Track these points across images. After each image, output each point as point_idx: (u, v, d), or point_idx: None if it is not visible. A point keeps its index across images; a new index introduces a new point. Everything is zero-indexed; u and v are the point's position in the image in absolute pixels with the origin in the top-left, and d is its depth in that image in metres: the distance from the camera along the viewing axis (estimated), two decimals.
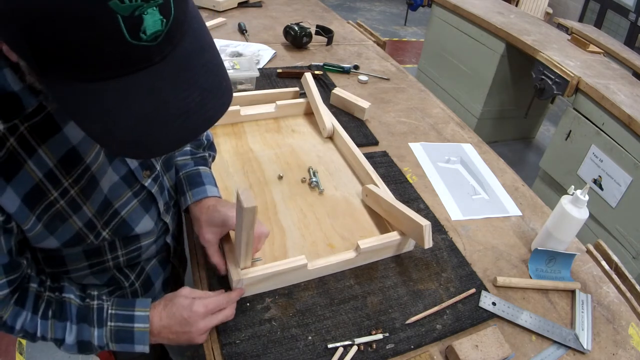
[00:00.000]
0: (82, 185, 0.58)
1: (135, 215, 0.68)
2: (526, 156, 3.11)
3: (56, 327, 0.62)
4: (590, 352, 0.74)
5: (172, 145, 0.46)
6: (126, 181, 0.64)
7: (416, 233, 0.80)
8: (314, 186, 0.98)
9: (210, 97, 0.44)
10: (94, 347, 0.64)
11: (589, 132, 2.05)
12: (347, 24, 2.06)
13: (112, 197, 0.63)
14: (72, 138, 0.55)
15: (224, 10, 1.99)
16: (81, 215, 0.59)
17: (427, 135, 1.27)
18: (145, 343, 0.65)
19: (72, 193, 0.57)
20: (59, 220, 0.57)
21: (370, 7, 5.91)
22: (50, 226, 0.57)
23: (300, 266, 0.75)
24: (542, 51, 2.25)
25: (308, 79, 1.24)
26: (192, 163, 0.83)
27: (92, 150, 0.58)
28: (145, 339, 0.64)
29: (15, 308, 0.60)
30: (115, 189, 0.63)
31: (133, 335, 0.64)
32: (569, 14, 4.59)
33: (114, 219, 0.64)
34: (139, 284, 0.78)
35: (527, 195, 1.09)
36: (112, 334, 0.64)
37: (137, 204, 0.67)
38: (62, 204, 0.56)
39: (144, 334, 0.64)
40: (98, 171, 0.59)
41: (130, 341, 0.64)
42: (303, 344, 0.68)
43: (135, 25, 0.36)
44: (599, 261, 0.93)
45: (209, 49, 0.46)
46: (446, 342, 0.72)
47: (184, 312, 0.65)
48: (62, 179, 0.55)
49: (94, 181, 0.59)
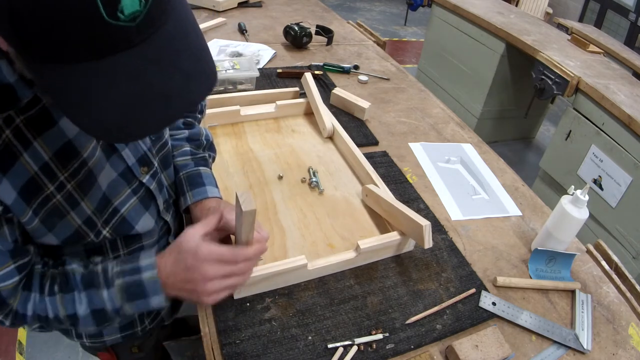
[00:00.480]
0: (79, 180, 0.57)
1: (135, 213, 0.67)
2: (526, 156, 3.11)
3: (65, 301, 0.59)
4: (590, 352, 0.74)
5: (154, 128, 0.46)
6: (124, 178, 0.64)
7: (416, 233, 0.80)
8: (314, 186, 0.98)
9: (194, 81, 0.45)
10: (110, 314, 0.60)
11: (589, 132, 2.05)
12: (347, 24, 2.06)
13: (111, 195, 0.62)
14: (68, 131, 0.55)
15: (224, 10, 1.99)
16: (80, 212, 0.59)
17: (427, 135, 1.27)
18: (159, 292, 0.60)
19: (68, 187, 0.56)
20: (57, 217, 0.57)
21: (370, 7, 5.91)
22: (48, 222, 0.56)
23: (300, 266, 0.75)
24: (542, 51, 2.25)
25: (308, 79, 1.24)
26: (192, 163, 0.82)
27: (88, 145, 0.57)
28: (158, 288, 0.60)
29: (24, 293, 0.59)
30: (114, 186, 0.63)
31: (144, 287, 0.60)
32: (569, 14, 4.59)
33: (114, 217, 0.64)
34: None
35: (527, 195, 1.09)
36: (122, 293, 0.60)
37: (137, 201, 0.67)
38: (59, 199, 0.56)
39: (155, 282, 0.60)
40: (95, 166, 0.59)
41: (142, 295, 0.60)
42: (303, 344, 0.68)
43: (112, 4, 0.36)
44: (599, 261, 0.93)
45: (193, 32, 0.46)
46: (446, 342, 0.72)
47: (188, 258, 0.60)
48: (58, 173, 0.55)
49: (91, 176, 0.59)
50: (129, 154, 0.64)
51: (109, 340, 0.83)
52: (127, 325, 0.82)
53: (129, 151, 0.64)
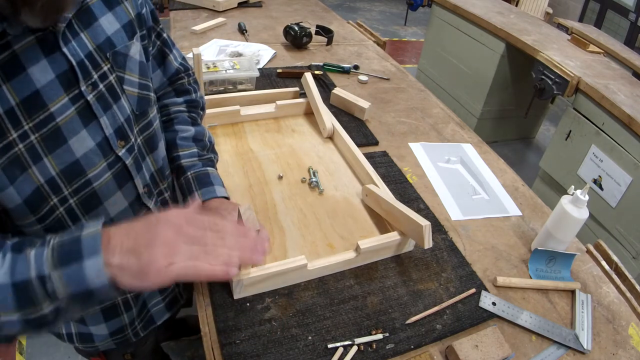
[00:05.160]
0: (44, 134, 0.55)
1: (107, 190, 0.64)
2: (526, 156, 3.11)
3: None
4: (590, 352, 0.74)
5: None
6: (101, 149, 0.62)
7: (416, 233, 0.80)
8: (314, 186, 0.98)
9: None
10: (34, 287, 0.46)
11: (589, 132, 2.05)
12: (347, 24, 2.06)
13: (87, 165, 0.60)
14: (36, 81, 0.53)
15: (224, 10, 1.99)
16: (42, 169, 0.56)
17: (427, 135, 1.27)
18: (97, 252, 0.47)
19: (32, 139, 0.54)
20: (18, 168, 0.54)
21: (370, 7, 5.92)
22: (8, 171, 0.54)
23: (300, 266, 0.75)
24: (542, 51, 2.25)
25: (308, 79, 1.24)
26: (200, 164, 0.83)
27: (58, 100, 0.55)
28: (97, 246, 0.48)
29: None
30: (91, 157, 0.60)
31: (80, 244, 0.48)
32: (569, 14, 4.59)
33: (85, 188, 0.61)
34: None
35: (527, 195, 1.09)
36: (54, 251, 0.48)
37: (111, 176, 0.64)
38: (21, 149, 0.54)
39: (94, 238, 0.48)
40: (65, 125, 0.57)
41: (76, 255, 0.47)
42: (303, 344, 0.68)
43: None
44: (599, 261, 0.93)
45: None
46: (446, 342, 0.72)
47: (151, 217, 0.53)
48: (23, 121, 0.53)
49: (59, 134, 0.57)
50: (107, 122, 0.61)
51: (101, 345, 0.82)
52: (117, 330, 0.81)
53: (107, 120, 0.61)
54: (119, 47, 0.63)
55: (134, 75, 0.67)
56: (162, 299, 0.87)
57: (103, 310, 0.77)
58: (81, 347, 0.83)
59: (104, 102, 0.61)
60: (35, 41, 0.52)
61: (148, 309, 0.85)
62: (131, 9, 0.67)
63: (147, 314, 0.85)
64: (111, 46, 0.62)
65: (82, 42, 0.58)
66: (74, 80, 0.57)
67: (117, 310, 0.78)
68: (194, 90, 0.90)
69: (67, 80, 0.56)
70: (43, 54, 0.53)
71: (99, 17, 0.60)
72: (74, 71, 0.56)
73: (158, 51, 0.80)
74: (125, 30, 0.65)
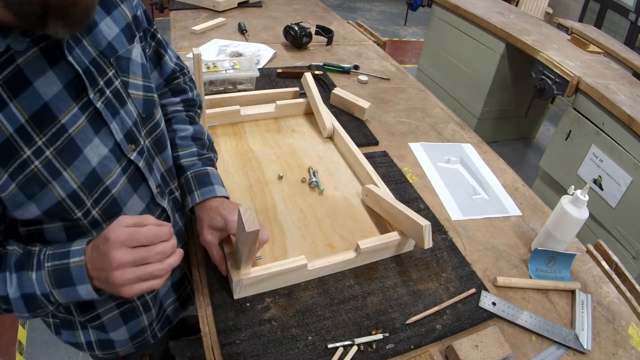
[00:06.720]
0: (59, 147, 0.55)
1: (124, 194, 0.65)
2: (526, 156, 3.11)
3: None
4: (590, 352, 0.74)
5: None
6: (114, 154, 0.62)
7: (416, 233, 0.80)
8: (314, 186, 0.98)
9: None
10: (40, 300, 0.57)
11: (589, 132, 2.05)
12: (347, 24, 2.06)
13: (103, 173, 0.60)
14: (44, 94, 0.53)
15: (224, 10, 1.99)
16: (63, 183, 0.56)
17: (427, 135, 1.27)
18: (85, 281, 0.56)
19: (47, 154, 0.54)
20: (37, 185, 0.55)
21: (370, 7, 5.92)
22: (27, 189, 0.54)
23: (300, 266, 0.75)
24: (542, 51, 2.25)
25: (308, 79, 1.24)
26: (200, 163, 0.82)
27: (68, 110, 0.55)
28: (84, 276, 0.56)
29: None
30: (106, 164, 0.61)
31: (70, 273, 0.56)
32: (569, 14, 4.59)
33: (104, 196, 0.62)
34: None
35: (527, 195, 1.09)
36: (50, 276, 0.56)
37: (126, 181, 0.65)
38: (38, 166, 0.54)
39: (81, 269, 0.56)
40: (78, 136, 0.57)
41: (70, 282, 0.56)
42: (303, 344, 0.68)
43: None
44: (599, 261, 0.93)
45: None
46: (446, 342, 0.72)
47: (101, 243, 0.55)
48: (35, 137, 0.53)
49: (73, 145, 0.57)
50: (116, 128, 0.62)
51: (121, 351, 0.82)
52: (137, 333, 0.81)
53: (116, 125, 0.62)
54: (121, 52, 0.63)
55: (138, 78, 0.67)
56: (177, 297, 0.87)
57: (122, 313, 0.77)
58: (101, 354, 0.82)
59: (112, 108, 0.61)
60: (39, 52, 0.52)
61: (164, 309, 0.85)
62: (128, 12, 0.67)
63: (164, 314, 0.86)
64: (113, 51, 0.62)
65: (86, 49, 0.58)
66: (81, 89, 0.57)
67: (136, 312, 0.79)
68: (190, 88, 0.90)
69: (75, 89, 0.56)
70: (48, 65, 0.53)
71: (98, 22, 0.61)
72: (81, 79, 0.56)
73: (154, 52, 0.80)
74: (125, 33, 0.65)
